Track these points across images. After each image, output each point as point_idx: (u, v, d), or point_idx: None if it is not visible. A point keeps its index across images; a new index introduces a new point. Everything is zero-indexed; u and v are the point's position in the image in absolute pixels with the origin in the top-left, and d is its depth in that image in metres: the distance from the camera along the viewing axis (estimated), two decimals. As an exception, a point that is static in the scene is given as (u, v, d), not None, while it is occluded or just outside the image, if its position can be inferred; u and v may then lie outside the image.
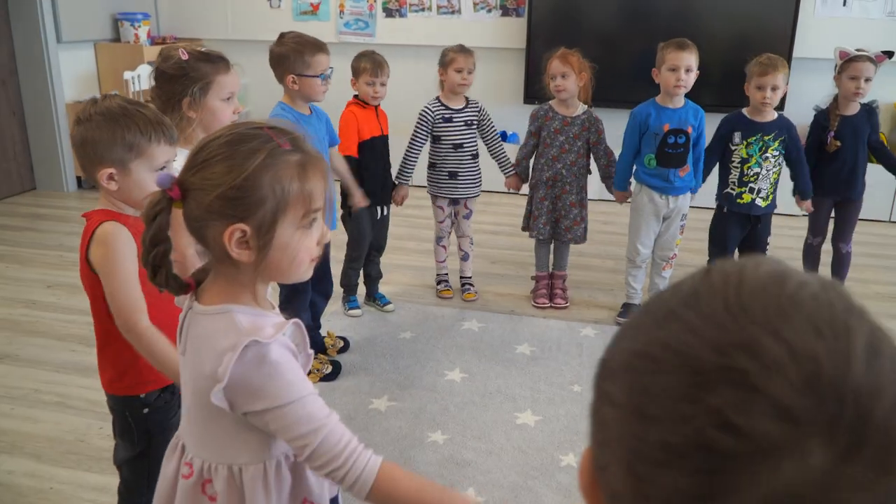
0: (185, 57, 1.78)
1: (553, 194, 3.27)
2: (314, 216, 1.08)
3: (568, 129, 3.21)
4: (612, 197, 3.30)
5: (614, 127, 4.63)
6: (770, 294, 0.42)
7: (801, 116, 5.17)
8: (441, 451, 2.32)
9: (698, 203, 3.44)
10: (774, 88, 3.04)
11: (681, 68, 2.95)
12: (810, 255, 3.54)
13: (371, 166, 3.04)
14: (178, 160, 1.59)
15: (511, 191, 3.53)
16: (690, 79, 2.99)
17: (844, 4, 5.09)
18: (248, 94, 6.07)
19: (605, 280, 3.82)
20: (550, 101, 3.27)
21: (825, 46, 5.11)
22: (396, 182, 3.31)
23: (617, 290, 3.62)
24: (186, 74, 1.78)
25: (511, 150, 5.29)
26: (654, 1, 5.29)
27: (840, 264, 3.52)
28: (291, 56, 2.52)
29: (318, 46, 2.53)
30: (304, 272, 1.11)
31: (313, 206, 1.07)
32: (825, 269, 3.56)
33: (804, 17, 5.10)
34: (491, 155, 3.42)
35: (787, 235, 4.50)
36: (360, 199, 2.96)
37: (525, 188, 3.43)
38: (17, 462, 2.22)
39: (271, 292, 1.99)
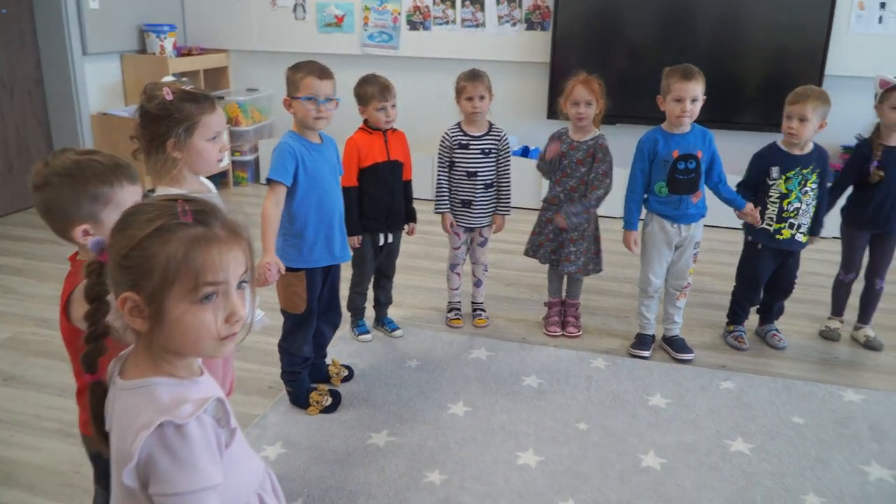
0: (169, 97, 1.75)
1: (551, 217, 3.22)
2: (209, 291, 1.05)
3: (573, 153, 3.13)
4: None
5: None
6: None
7: (832, 135, 5.03)
8: (437, 492, 2.26)
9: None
10: (802, 120, 2.95)
11: (686, 99, 2.87)
12: (841, 292, 3.42)
13: (372, 192, 2.99)
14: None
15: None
16: (696, 108, 2.90)
17: (880, 21, 4.92)
18: (271, 106, 6.09)
19: (621, 306, 3.73)
20: (567, 128, 3.19)
21: (859, 64, 4.98)
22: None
23: (632, 318, 3.52)
24: (171, 115, 1.75)
25: (531, 166, 5.25)
26: (686, 16, 5.17)
27: (871, 300, 3.39)
28: (289, 79, 2.49)
29: (311, 70, 2.47)
30: (210, 350, 1.08)
31: (204, 280, 1.04)
32: (855, 297, 3.43)
33: (837, 33, 4.95)
34: (497, 186, 3.30)
35: (817, 260, 4.37)
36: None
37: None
38: (11, 494, 2.22)
39: (259, 316, 1.96)
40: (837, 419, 2.74)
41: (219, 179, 5.69)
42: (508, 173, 3.28)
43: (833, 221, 3.43)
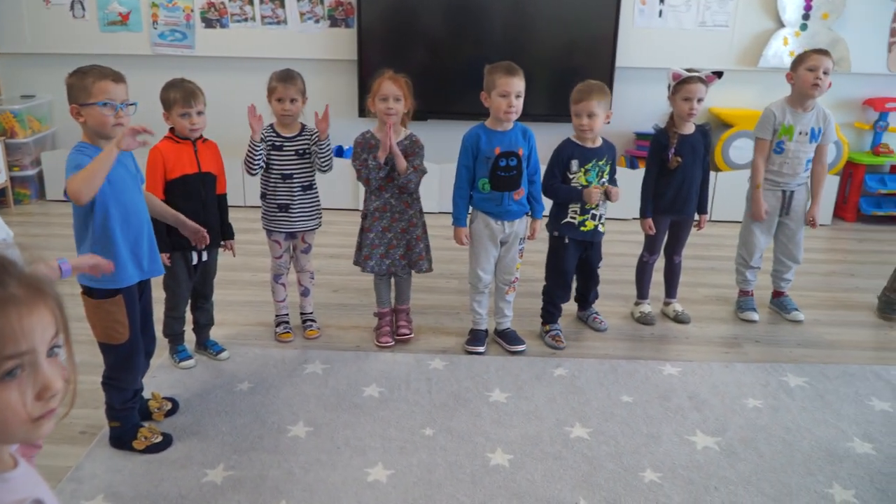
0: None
1: (381, 226, 3.13)
2: (11, 366, 0.85)
3: (392, 157, 3.07)
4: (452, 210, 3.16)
5: (448, 139, 4.59)
6: None
7: (625, 123, 5.39)
8: (286, 525, 2.12)
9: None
10: (591, 115, 3.06)
11: (511, 94, 2.90)
12: (645, 273, 3.63)
13: (182, 207, 2.73)
14: None
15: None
16: (520, 104, 2.95)
17: (660, 15, 5.32)
18: (52, 114, 5.50)
19: (451, 303, 3.74)
20: (372, 129, 3.11)
21: (644, 56, 5.36)
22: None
23: (463, 314, 3.55)
24: None
25: (347, 166, 5.14)
26: (481, 8, 5.29)
27: (673, 273, 3.65)
28: (75, 85, 2.21)
29: (103, 73, 2.22)
30: (23, 435, 0.88)
31: (3, 353, 0.84)
32: (658, 274, 3.67)
33: (624, 27, 5.29)
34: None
35: (623, 242, 4.64)
36: (194, 234, 2.74)
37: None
38: None
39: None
40: (661, 394, 2.91)
41: (-5, 199, 5.06)
42: (325, 169, 3.16)
43: (634, 206, 3.62)
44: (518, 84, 2.91)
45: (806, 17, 5.33)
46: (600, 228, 3.26)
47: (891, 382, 3.03)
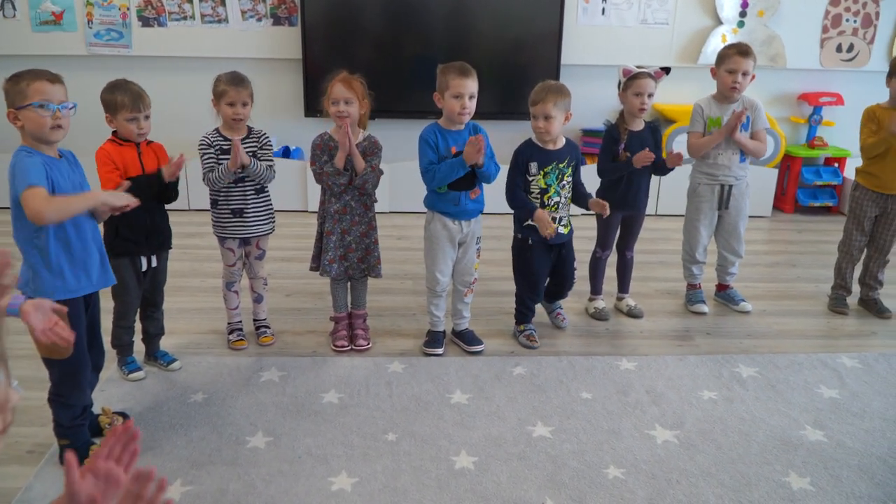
0: None
1: (340, 228, 3.07)
2: None
3: (351, 158, 3.02)
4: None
5: (396, 137, 4.56)
6: None
7: (572, 121, 5.41)
8: (250, 539, 2.07)
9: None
10: (548, 118, 3.03)
11: (465, 95, 2.89)
12: (598, 269, 3.66)
13: (128, 212, 2.54)
14: None
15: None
16: (473, 105, 2.93)
17: (603, 13, 5.38)
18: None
19: (406, 304, 3.71)
20: (329, 130, 3.06)
21: (589, 53, 5.42)
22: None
23: (420, 315, 3.53)
24: None
25: (294, 167, 5.05)
26: (426, 6, 5.27)
27: (625, 269, 3.70)
28: (11, 89, 2.13)
29: (38, 74, 2.13)
30: None
31: None
32: (610, 269, 3.71)
33: (568, 25, 5.34)
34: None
35: (576, 238, 4.66)
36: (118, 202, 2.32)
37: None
38: None
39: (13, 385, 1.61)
40: (619, 389, 2.94)
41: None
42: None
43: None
44: (471, 85, 2.89)
45: (743, 14, 5.47)
46: (562, 230, 3.19)
47: (836, 370, 3.13)
